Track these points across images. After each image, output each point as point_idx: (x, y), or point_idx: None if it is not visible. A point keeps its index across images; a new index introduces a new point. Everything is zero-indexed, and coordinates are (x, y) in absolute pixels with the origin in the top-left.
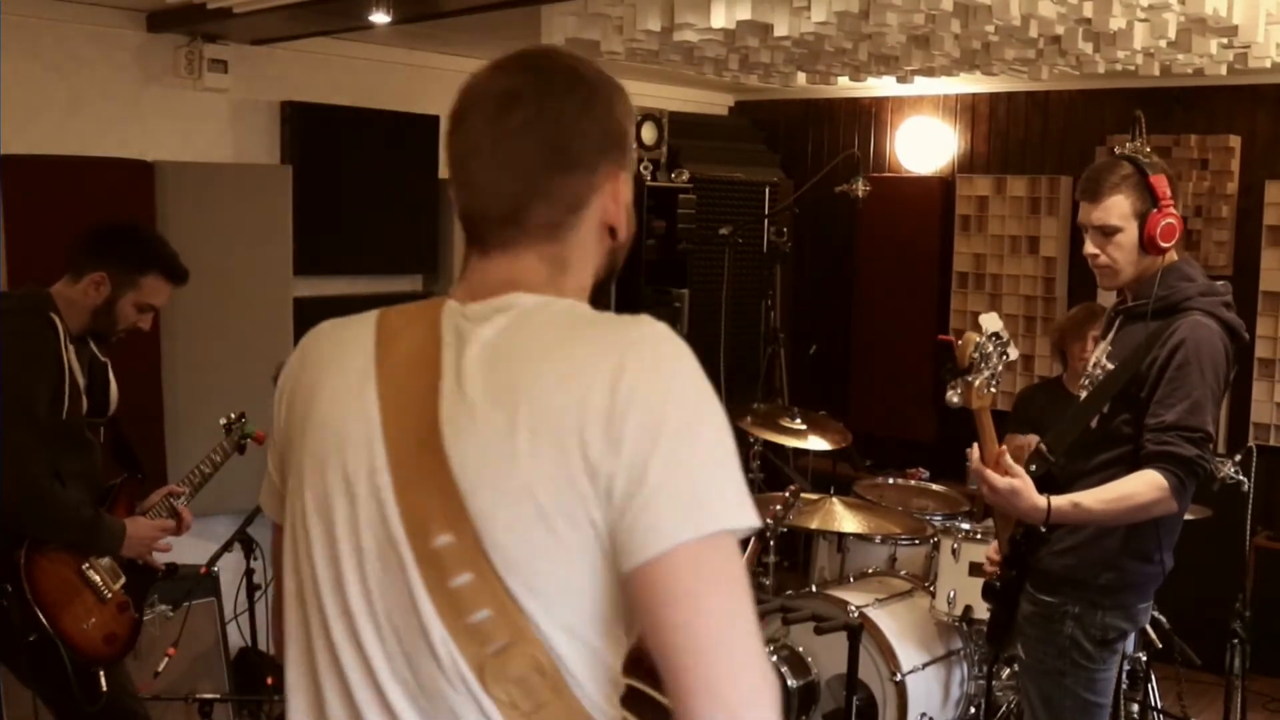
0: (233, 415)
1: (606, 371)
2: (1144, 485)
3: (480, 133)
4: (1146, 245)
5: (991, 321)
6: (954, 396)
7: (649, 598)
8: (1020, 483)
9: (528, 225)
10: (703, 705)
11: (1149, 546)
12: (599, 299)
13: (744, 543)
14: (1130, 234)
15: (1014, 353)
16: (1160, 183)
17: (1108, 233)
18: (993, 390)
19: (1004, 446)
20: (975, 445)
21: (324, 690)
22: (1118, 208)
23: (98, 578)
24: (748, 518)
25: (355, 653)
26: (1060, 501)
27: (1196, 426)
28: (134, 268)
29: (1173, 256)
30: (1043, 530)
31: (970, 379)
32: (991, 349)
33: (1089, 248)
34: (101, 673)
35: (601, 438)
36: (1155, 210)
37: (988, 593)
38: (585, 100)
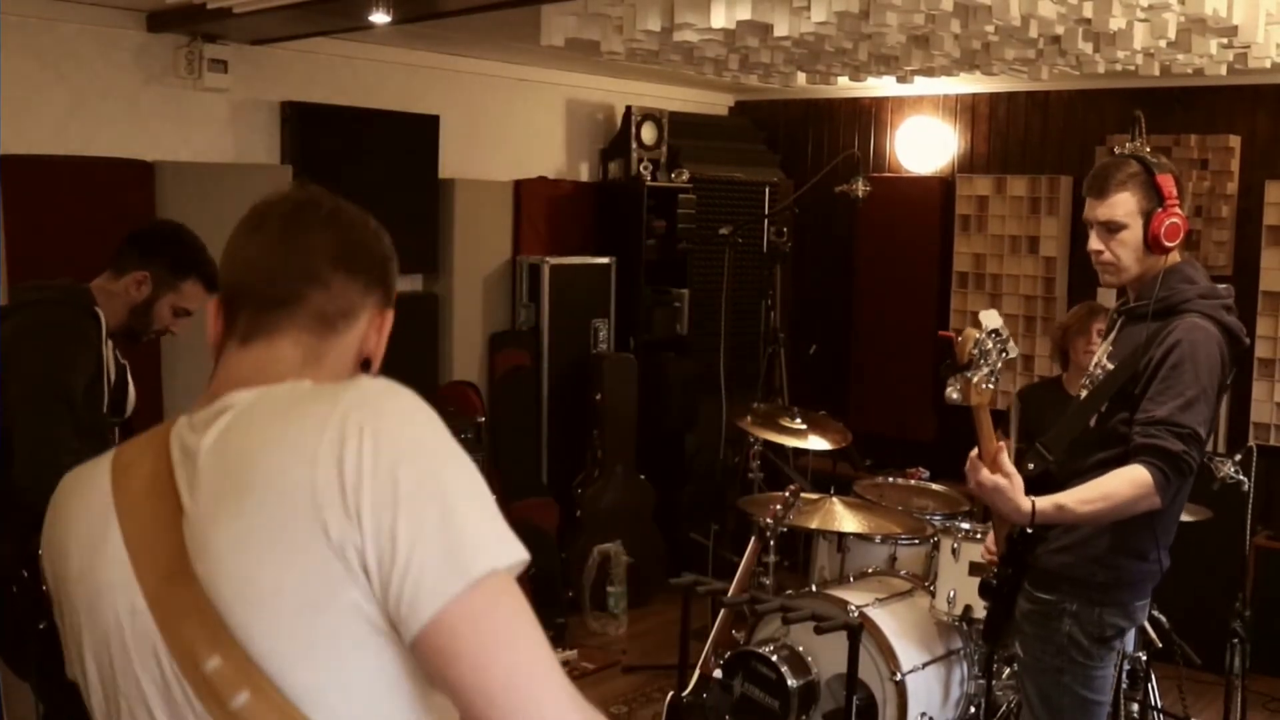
0: None
1: (326, 447)
2: (1125, 483)
3: (270, 221)
4: (1150, 244)
5: (991, 318)
6: (953, 393)
7: (436, 662)
8: (1006, 482)
9: (298, 313)
10: None
11: (1145, 545)
12: None
13: (741, 540)
14: (1135, 232)
15: (1013, 350)
16: (1167, 182)
17: (1112, 229)
18: (991, 386)
19: (1002, 445)
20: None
21: None
22: (1124, 204)
23: None
24: (512, 552)
25: None
26: (1044, 504)
27: (1185, 424)
28: (177, 271)
29: (1176, 258)
30: (1029, 531)
31: (969, 375)
32: (991, 345)
33: (1093, 244)
34: None
35: (340, 516)
36: (1161, 209)
37: (985, 591)
38: (375, 231)
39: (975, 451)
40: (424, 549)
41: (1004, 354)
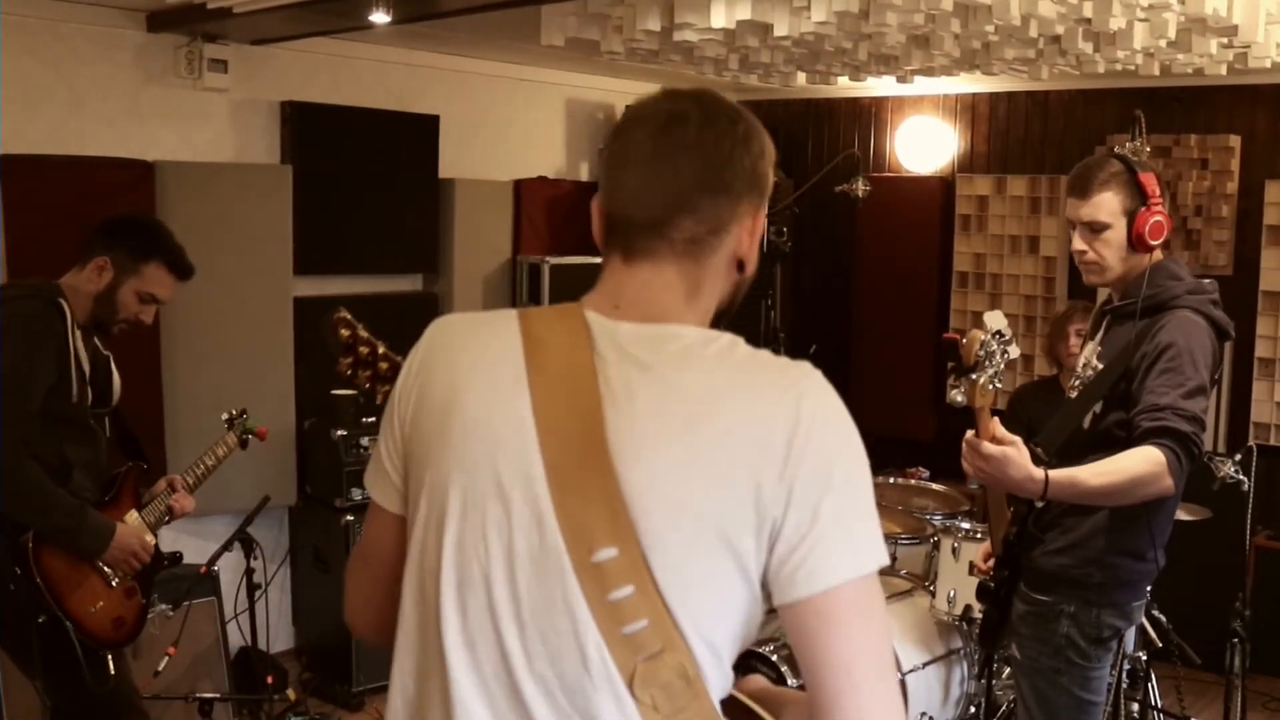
0: (234, 411)
1: (783, 420)
2: (1141, 460)
3: (640, 144)
4: (1135, 243)
5: (996, 319)
6: (958, 395)
7: (816, 625)
8: (1014, 450)
9: (672, 237)
10: (853, 715)
11: (1142, 544)
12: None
13: None
14: (1119, 231)
15: (1015, 351)
16: (1149, 181)
17: (1096, 229)
18: (995, 387)
19: (994, 418)
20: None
21: (451, 676)
22: (1107, 204)
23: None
24: (885, 557)
25: (494, 646)
26: (1058, 474)
27: (1189, 409)
28: (136, 254)
29: (1159, 255)
30: (1030, 511)
31: (974, 377)
32: (996, 347)
33: (1076, 244)
34: (110, 657)
35: (775, 481)
36: (1144, 208)
37: (982, 593)
38: (744, 136)
39: (971, 433)
40: (837, 531)
41: (1006, 355)
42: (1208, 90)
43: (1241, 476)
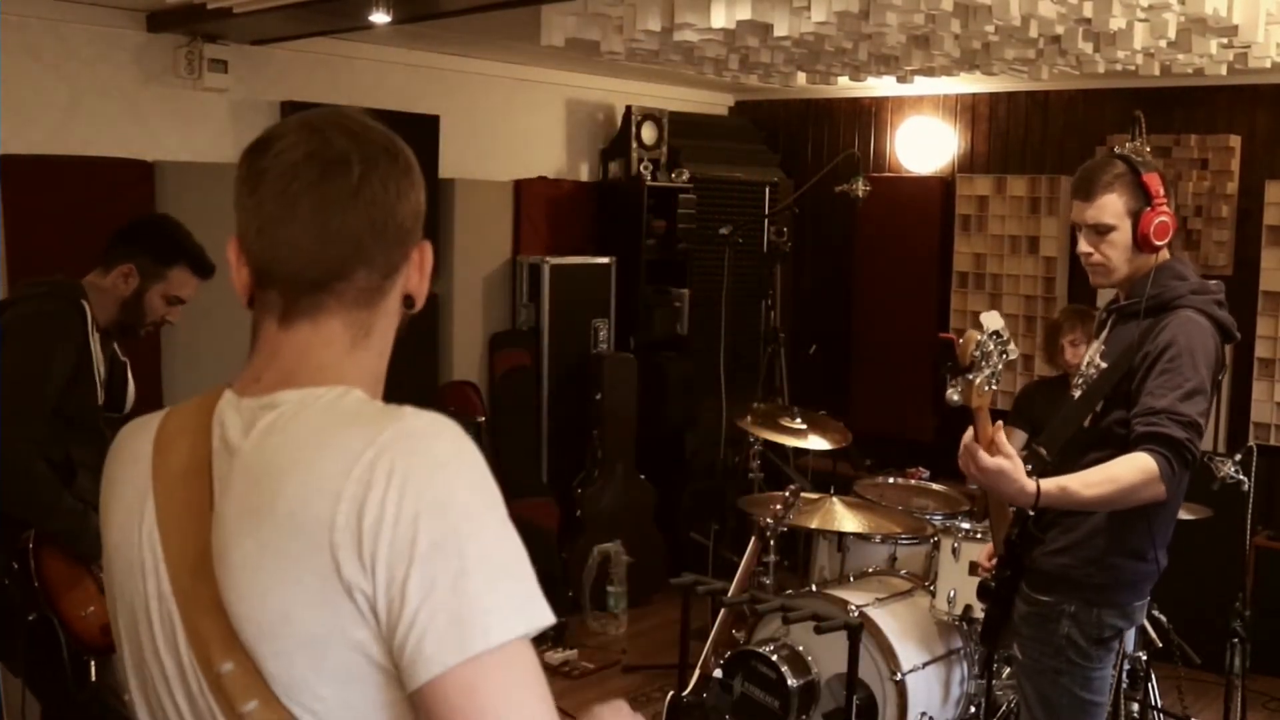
0: None
1: (352, 487)
2: (1131, 468)
3: (298, 193)
4: (1140, 243)
5: (993, 320)
6: (954, 394)
7: (445, 710)
8: (1009, 464)
9: (344, 292)
10: None
11: (1143, 544)
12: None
13: (741, 540)
14: (1124, 232)
15: (1014, 351)
16: (1153, 181)
17: (1101, 231)
18: (992, 388)
19: (999, 424)
20: (970, 429)
21: None
22: (1111, 206)
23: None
24: (531, 620)
25: None
26: (1049, 485)
27: (1185, 413)
28: (161, 260)
29: (1165, 255)
30: (1028, 531)
31: (971, 377)
32: (993, 347)
33: (1082, 246)
34: (93, 663)
35: (354, 559)
36: (1149, 208)
37: (983, 592)
38: (405, 169)
39: (969, 434)
40: (431, 611)
41: (1005, 355)
42: (1208, 90)
43: (1241, 476)
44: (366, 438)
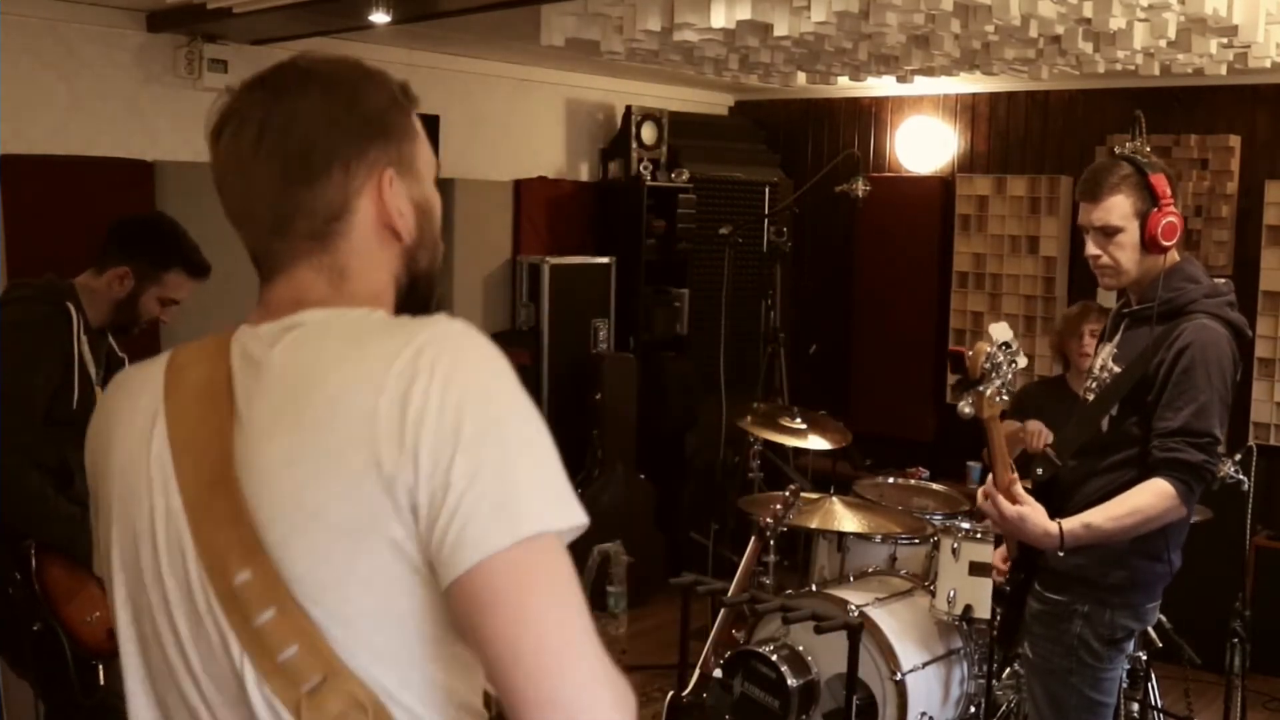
0: None
1: (394, 379)
2: (1153, 497)
3: (226, 156)
4: (1148, 244)
5: (1001, 331)
6: (966, 407)
7: (470, 611)
8: (1030, 510)
9: (291, 240)
10: (534, 712)
11: (1157, 546)
12: (415, 306)
13: (741, 540)
14: (1132, 234)
15: (1023, 360)
16: (1160, 181)
17: (1109, 233)
18: (1003, 399)
19: (1014, 475)
20: (983, 456)
21: None
22: (1118, 208)
23: None
24: (568, 516)
25: (183, 708)
26: (1072, 524)
27: (1203, 430)
28: (157, 263)
29: (1175, 256)
30: (1061, 555)
31: (982, 389)
32: (1002, 358)
33: (1090, 249)
34: (101, 667)
35: (395, 450)
36: (1156, 209)
37: (998, 597)
38: (321, 101)
39: (990, 480)
40: (476, 496)
41: (1014, 365)
42: (1208, 90)
43: (1241, 476)
44: (405, 337)
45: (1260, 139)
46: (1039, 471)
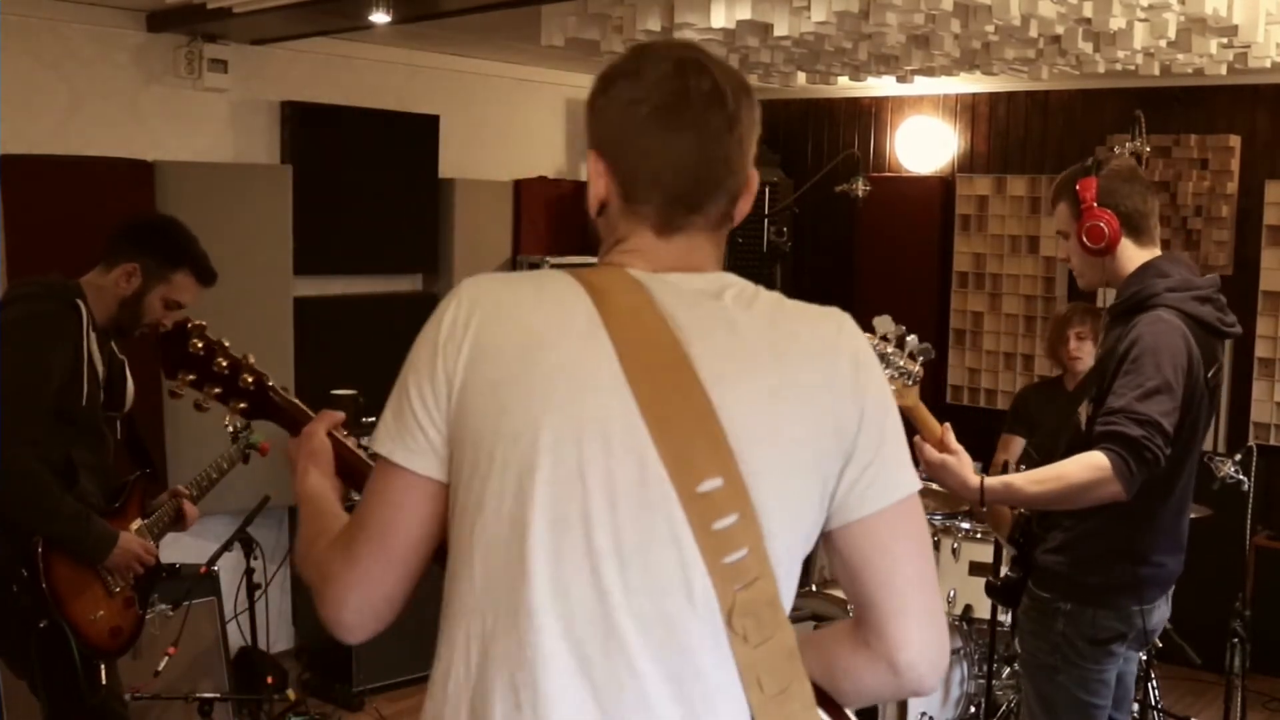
0: (239, 423)
1: (847, 352)
2: (1080, 466)
3: (688, 124)
4: (1084, 248)
5: (883, 323)
6: None
7: (882, 538)
8: (952, 459)
9: (710, 213)
10: (918, 618)
11: (1142, 547)
12: None
13: None
14: (1075, 238)
15: (917, 344)
16: (1085, 186)
17: (1064, 238)
18: (910, 385)
19: (946, 425)
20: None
21: (535, 624)
22: (1061, 214)
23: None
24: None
25: (590, 587)
26: (993, 481)
27: (1143, 412)
28: (167, 263)
29: (1153, 252)
30: (1030, 530)
31: None
32: (890, 349)
33: (1060, 253)
34: (103, 666)
35: (849, 404)
36: (1080, 215)
37: (990, 591)
38: (754, 105)
39: (917, 437)
40: (898, 449)
41: (911, 354)
42: (1208, 90)
43: (1241, 476)
44: (835, 315)
45: (1260, 139)
46: (1022, 467)
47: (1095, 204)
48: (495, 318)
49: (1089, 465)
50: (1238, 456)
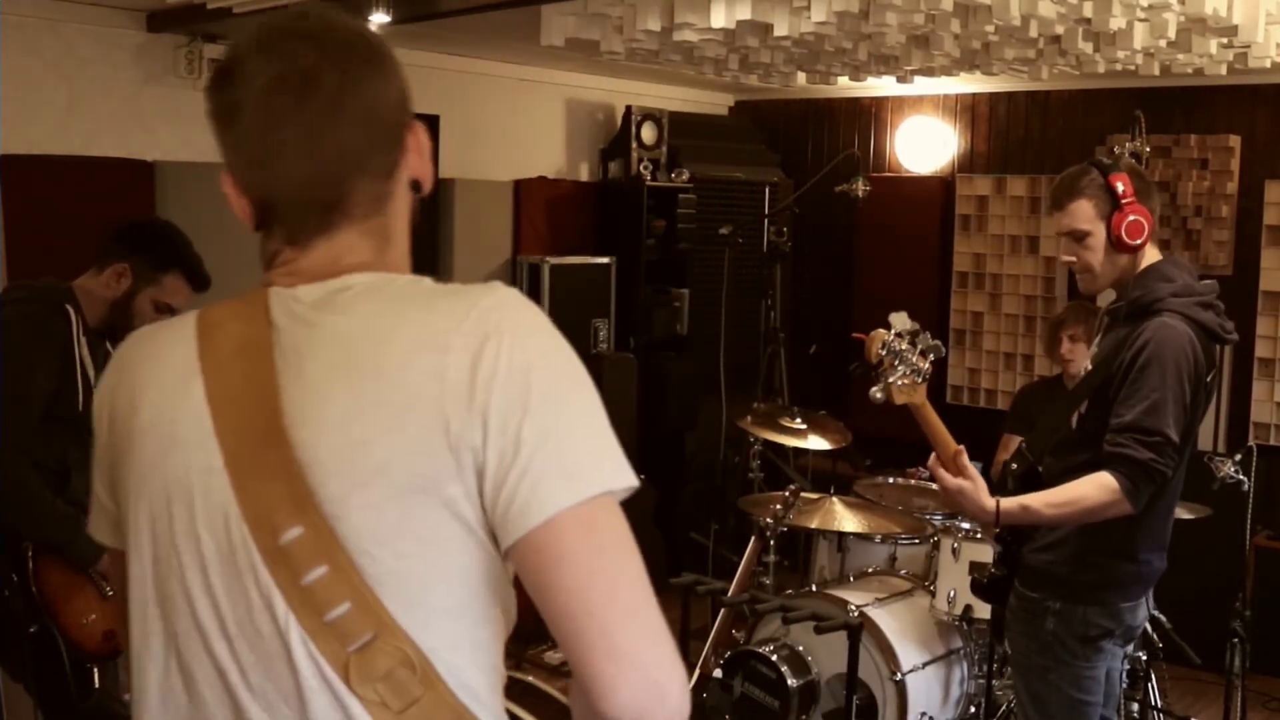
0: None
1: (463, 339)
2: (1094, 488)
3: (279, 124)
4: (1116, 245)
5: (900, 320)
6: (877, 393)
7: (540, 566)
8: (969, 484)
9: (350, 207)
10: (605, 663)
11: (1130, 545)
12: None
13: (741, 540)
14: (1099, 236)
15: (931, 343)
16: (1120, 180)
17: (1078, 238)
18: (919, 383)
19: (961, 447)
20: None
21: (176, 706)
22: (1082, 212)
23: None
24: (626, 478)
25: (210, 667)
26: (1009, 504)
27: (1152, 428)
28: (158, 264)
29: (1155, 255)
30: (996, 530)
31: (886, 377)
32: (904, 346)
33: (1064, 254)
34: (96, 670)
35: (464, 411)
36: (1118, 210)
37: (976, 588)
38: (378, 63)
39: (933, 459)
40: (545, 455)
41: (925, 353)
42: (1208, 90)
43: (1241, 476)
44: (469, 301)
45: (1260, 139)
46: (1014, 466)
47: (1135, 198)
48: (119, 382)
49: (1102, 487)
50: (1238, 456)
